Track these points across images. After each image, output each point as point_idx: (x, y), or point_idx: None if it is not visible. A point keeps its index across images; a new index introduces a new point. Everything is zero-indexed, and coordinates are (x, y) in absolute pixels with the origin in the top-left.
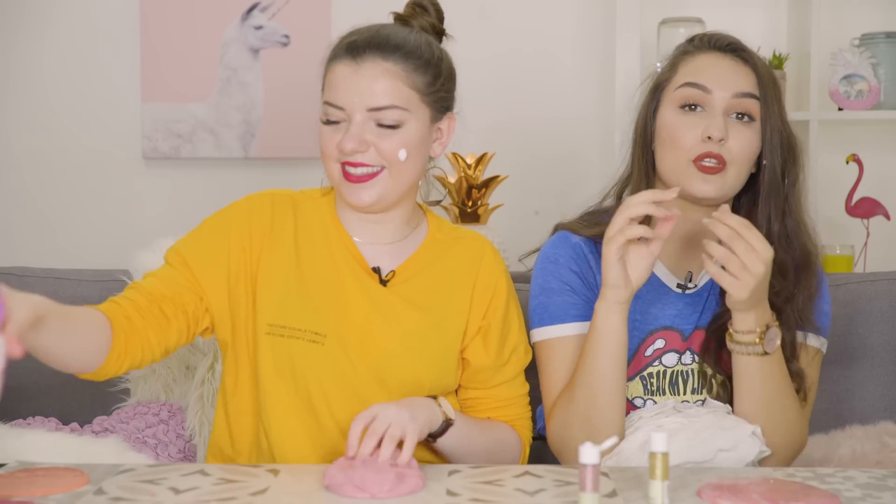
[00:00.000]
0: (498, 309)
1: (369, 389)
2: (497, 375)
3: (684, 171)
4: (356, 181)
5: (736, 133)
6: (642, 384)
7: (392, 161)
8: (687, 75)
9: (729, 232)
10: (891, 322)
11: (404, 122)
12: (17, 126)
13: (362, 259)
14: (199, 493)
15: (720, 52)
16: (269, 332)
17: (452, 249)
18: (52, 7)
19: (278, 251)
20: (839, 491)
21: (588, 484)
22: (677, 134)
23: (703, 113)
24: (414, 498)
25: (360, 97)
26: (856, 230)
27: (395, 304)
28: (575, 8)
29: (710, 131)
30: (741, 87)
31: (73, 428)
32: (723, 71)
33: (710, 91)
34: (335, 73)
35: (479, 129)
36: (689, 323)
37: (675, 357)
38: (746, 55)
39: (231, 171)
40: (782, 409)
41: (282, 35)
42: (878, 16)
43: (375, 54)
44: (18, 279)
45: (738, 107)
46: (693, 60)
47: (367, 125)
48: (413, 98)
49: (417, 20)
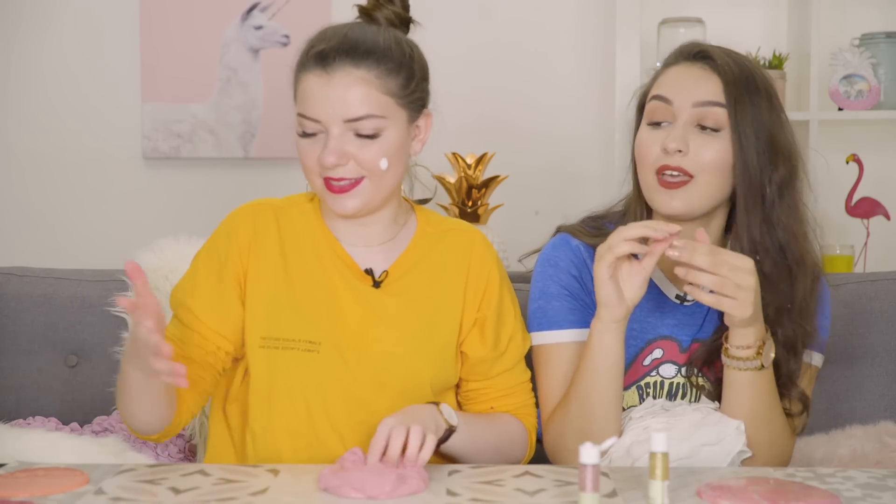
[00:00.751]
0: (492, 299)
1: (370, 393)
2: (496, 365)
3: (651, 187)
4: (339, 192)
5: (700, 143)
6: (638, 394)
7: (373, 170)
8: (655, 89)
9: (709, 259)
10: (891, 322)
11: (383, 129)
12: (17, 126)
13: (353, 262)
14: (199, 493)
15: (688, 62)
16: (263, 345)
17: (442, 243)
18: (53, 7)
19: (264, 263)
20: (839, 491)
21: (588, 484)
22: (643, 150)
23: (668, 126)
24: (414, 498)
25: (334, 109)
26: (856, 230)
27: (390, 304)
28: (575, 8)
29: (666, 143)
30: (702, 95)
31: (73, 428)
32: (686, 81)
33: (671, 102)
34: (306, 84)
35: (480, 130)
36: (687, 335)
37: (675, 369)
38: (713, 62)
39: (231, 171)
40: (769, 423)
41: (282, 35)
42: (878, 16)
43: (346, 62)
44: (18, 279)
45: (701, 116)
46: (664, 74)
47: (346, 136)
48: (389, 104)
49: (382, 11)
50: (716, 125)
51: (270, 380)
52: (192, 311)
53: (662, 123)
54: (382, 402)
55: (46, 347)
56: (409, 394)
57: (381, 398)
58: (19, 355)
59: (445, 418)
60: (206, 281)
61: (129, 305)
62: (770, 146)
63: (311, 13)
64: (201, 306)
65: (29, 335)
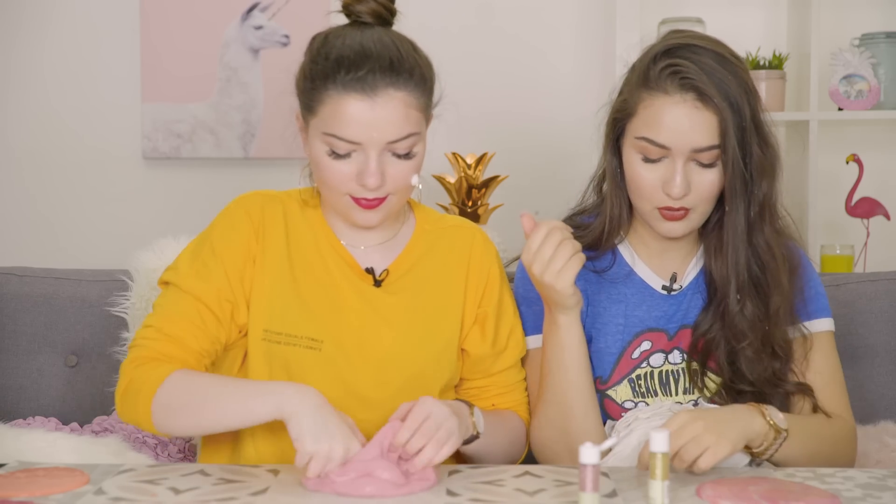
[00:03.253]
0: (493, 296)
1: (371, 391)
2: (497, 363)
3: (649, 214)
4: (367, 206)
5: (698, 179)
6: (630, 387)
7: (404, 187)
8: (645, 124)
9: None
10: (891, 322)
11: (415, 145)
12: (17, 126)
13: (354, 262)
14: (199, 493)
15: (680, 94)
16: (265, 338)
17: (442, 240)
18: (53, 7)
19: (271, 255)
20: (839, 491)
21: (588, 484)
22: (640, 182)
23: (664, 162)
24: (414, 498)
25: (378, 132)
26: (856, 230)
27: (391, 303)
28: (575, 8)
29: (669, 189)
30: (701, 141)
31: (73, 428)
32: (681, 125)
33: (668, 148)
34: (344, 106)
35: (480, 129)
36: (673, 322)
37: (662, 357)
38: (708, 99)
39: (231, 171)
40: (826, 453)
41: (282, 35)
42: (878, 16)
43: (388, 86)
44: (18, 279)
45: (700, 157)
46: (652, 102)
47: (384, 156)
48: (420, 119)
49: (367, 4)
50: (711, 161)
51: (270, 375)
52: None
53: (657, 160)
54: (384, 400)
55: (46, 347)
56: (410, 393)
57: (382, 395)
58: (19, 355)
59: (475, 422)
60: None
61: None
62: (758, 168)
63: (310, 13)
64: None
65: (29, 335)
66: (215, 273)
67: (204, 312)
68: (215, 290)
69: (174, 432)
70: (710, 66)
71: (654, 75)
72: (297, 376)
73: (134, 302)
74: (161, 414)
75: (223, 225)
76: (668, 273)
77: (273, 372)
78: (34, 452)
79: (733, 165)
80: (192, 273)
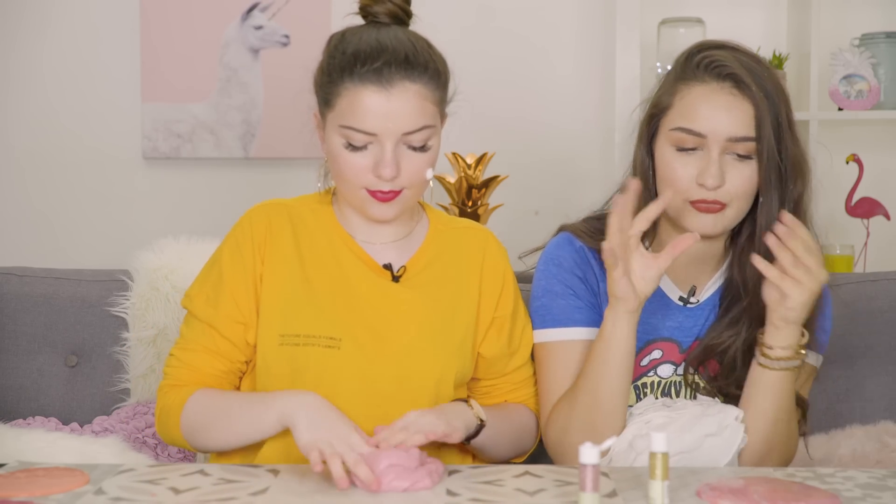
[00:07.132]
0: (509, 300)
1: (391, 388)
2: (511, 362)
3: (681, 209)
4: (383, 199)
5: (734, 172)
6: (635, 394)
7: (419, 181)
8: (681, 115)
9: (799, 242)
10: (891, 322)
11: (430, 138)
12: (17, 126)
13: (369, 259)
14: (199, 493)
15: (718, 83)
16: (283, 342)
17: (456, 241)
18: (52, 7)
19: (279, 262)
20: (839, 491)
21: (588, 484)
22: (673, 175)
23: (699, 153)
24: (414, 497)
25: (395, 123)
26: (856, 230)
27: (409, 299)
28: (575, 8)
29: (704, 179)
30: (737, 130)
31: (73, 428)
32: (718, 112)
33: (704, 136)
34: (360, 98)
35: (479, 129)
36: (688, 336)
37: (671, 369)
38: (745, 87)
39: (231, 171)
40: (788, 423)
41: (282, 35)
42: (878, 16)
43: (404, 79)
44: (18, 279)
45: (735, 148)
46: (689, 92)
47: (399, 148)
48: (436, 113)
49: (384, 5)
50: (747, 153)
51: (293, 376)
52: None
53: (692, 150)
54: (403, 396)
55: (46, 347)
56: (429, 388)
57: (402, 392)
58: (19, 355)
59: (476, 413)
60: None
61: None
62: (791, 166)
63: (311, 13)
64: (228, 328)
65: (29, 335)
66: (223, 297)
67: (216, 338)
68: (224, 315)
69: (208, 450)
70: (746, 60)
71: (691, 67)
72: (318, 376)
73: (134, 302)
74: (190, 436)
75: (230, 248)
76: (687, 285)
77: (297, 374)
78: (34, 452)
79: (768, 157)
80: (202, 300)
